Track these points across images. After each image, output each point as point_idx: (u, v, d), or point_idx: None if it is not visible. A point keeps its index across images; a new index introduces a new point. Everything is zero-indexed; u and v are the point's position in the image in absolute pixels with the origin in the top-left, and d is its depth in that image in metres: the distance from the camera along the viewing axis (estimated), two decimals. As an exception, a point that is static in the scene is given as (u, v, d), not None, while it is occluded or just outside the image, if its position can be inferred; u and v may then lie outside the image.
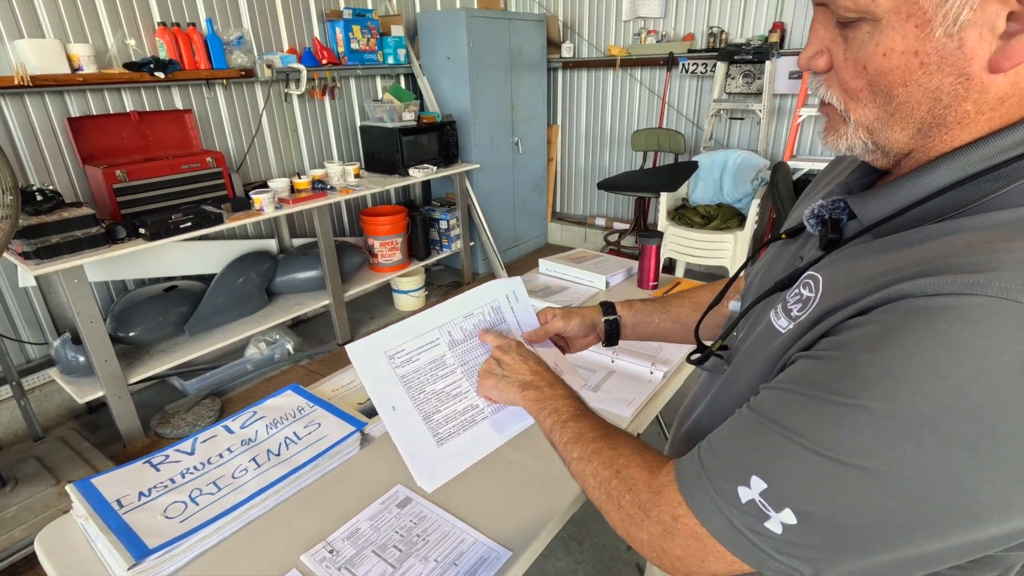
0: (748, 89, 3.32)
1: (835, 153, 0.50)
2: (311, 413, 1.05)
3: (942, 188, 0.41)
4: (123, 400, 2.17)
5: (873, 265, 0.42)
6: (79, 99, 2.31)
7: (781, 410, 0.41)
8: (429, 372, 0.72)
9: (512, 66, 3.70)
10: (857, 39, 0.41)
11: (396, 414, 0.68)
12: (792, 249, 0.59)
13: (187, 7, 2.58)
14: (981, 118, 0.40)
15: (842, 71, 0.43)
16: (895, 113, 0.42)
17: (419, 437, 0.69)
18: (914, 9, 0.38)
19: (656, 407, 1.14)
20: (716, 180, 3.37)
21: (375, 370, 0.70)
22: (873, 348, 0.37)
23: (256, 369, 2.74)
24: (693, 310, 0.83)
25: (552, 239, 4.58)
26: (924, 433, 0.34)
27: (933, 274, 0.36)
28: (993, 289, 0.33)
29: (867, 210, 0.46)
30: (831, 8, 0.41)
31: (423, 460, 0.68)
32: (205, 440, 0.99)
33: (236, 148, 2.90)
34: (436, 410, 0.71)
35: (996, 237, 0.37)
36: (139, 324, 2.35)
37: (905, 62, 0.40)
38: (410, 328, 0.73)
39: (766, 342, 0.50)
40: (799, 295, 0.48)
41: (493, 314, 0.79)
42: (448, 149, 3.40)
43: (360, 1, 3.32)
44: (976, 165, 0.40)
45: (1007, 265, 0.34)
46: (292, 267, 2.92)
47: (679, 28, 3.61)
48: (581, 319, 0.82)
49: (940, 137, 0.42)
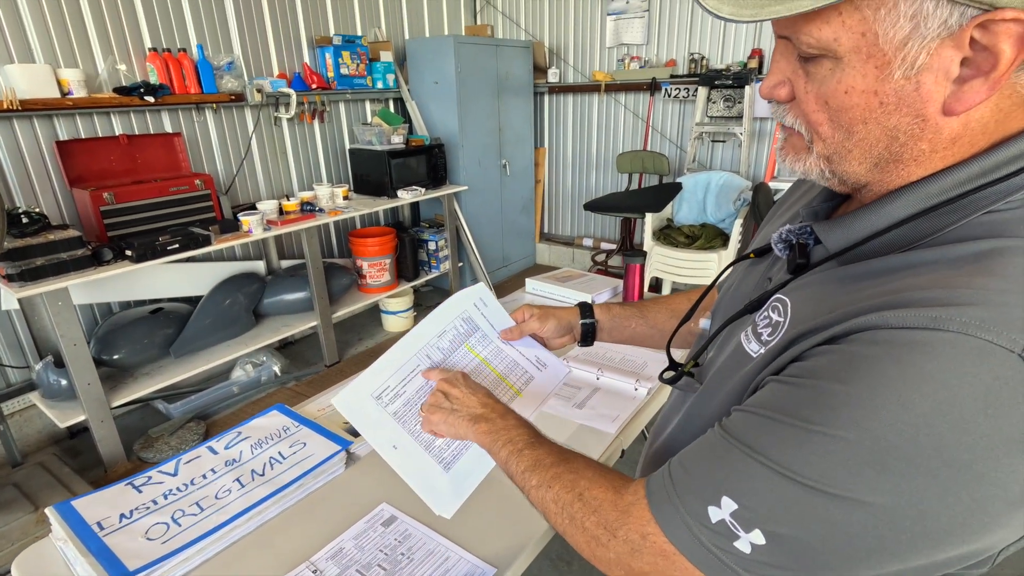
0: (729, 113, 3.41)
1: (793, 173, 0.52)
2: (296, 433, 1.05)
3: (903, 219, 0.43)
4: (105, 424, 2.14)
5: (840, 293, 0.43)
6: (68, 123, 2.33)
7: (752, 433, 0.42)
8: (419, 400, 0.72)
9: (499, 91, 3.77)
10: (819, 74, 0.42)
11: (399, 452, 0.68)
12: (761, 269, 0.61)
13: (178, 33, 2.62)
14: (935, 156, 0.42)
15: (804, 103, 0.45)
16: (854, 149, 0.44)
17: (426, 468, 0.68)
18: (874, 51, 0.39)
19: (641, 423, 1.16)
20: (700, 201, 3.43)
21: (366, 416, 0.70)
22: (841, 378, 0.38)
23: (242, 392, 2.72)
24: (669, 316, 0.85)
25: (540, 259, 4.62)
26: (889, 461, 0.35)
27: (900, 306, 0.37)
28: (955, 325, 0.35)
29: (832, 237, 0.48)
30: (793, 42, 0.43)
31: (436, 489, 0.68)
32: (189, 461, 0.98)
33: (225, 170, 2.91)
34: (434, 437, 0.71)
35: (957, 271, 0.38)
36: (124, 347, 2.33)
37: (866, 101, 0.41)
38: (389, 363, 0.73)
39: (737, 365, 0.51)
40: (768, 318, 0.49)
41: (465, 325, 0.80)
42: (436, 171, 3.44)
43: (350, 28, 3.39)
44: (935, 198, 0.42)
45: (969, 301, 0.36)
46: (280, 288, 2.91)
47: (661, 54, 3.71)
48: (557, 320, 0.83)
49: (896, 172, 0.44)
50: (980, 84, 0.38)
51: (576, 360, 1.30)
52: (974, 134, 0.41)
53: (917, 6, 0.36)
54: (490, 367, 0.78)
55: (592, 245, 4.39)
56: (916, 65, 0.38)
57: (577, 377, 1.27)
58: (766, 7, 0.38)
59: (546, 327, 0.82)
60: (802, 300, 0.47)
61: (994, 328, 0.34)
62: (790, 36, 0.43)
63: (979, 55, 0.37)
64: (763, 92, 0.48)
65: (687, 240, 3.33)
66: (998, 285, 0.36)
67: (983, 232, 0.40)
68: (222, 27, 2.78)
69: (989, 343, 0.34)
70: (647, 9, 3.64)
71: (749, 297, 0.59)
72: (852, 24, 0.39)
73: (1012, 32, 0.35)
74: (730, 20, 0.40)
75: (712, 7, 0.40)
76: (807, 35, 0.41)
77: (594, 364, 1.29)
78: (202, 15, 2.69)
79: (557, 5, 4.00)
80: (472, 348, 0.79)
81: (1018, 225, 0.39)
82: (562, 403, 1.17)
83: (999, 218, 0.40)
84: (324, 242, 3.47)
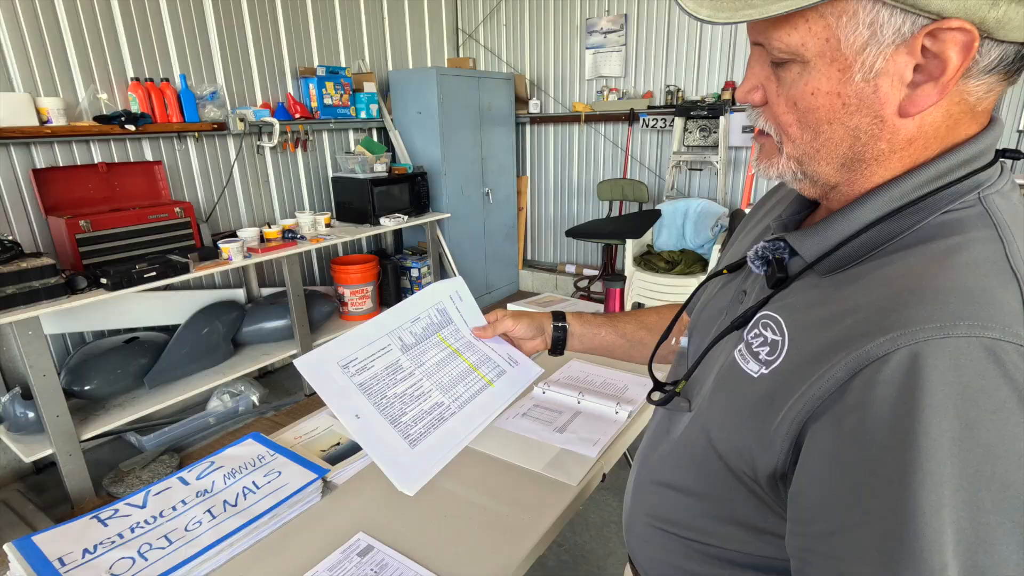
0: (705, 142, 3.51)
1: (767, 180, 0.54)
2: (271, 461, 1.03)
3: (871, 222, 0.45)
4: (74, 458, 2.06)
5: (828, 304, 0.45)
6: (46, 151, 2.31)
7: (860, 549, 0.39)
8: (387, 377, 0.71)
9: (481, 121, 3.84)
10: (788, 78, 0.45)
11: (361, 422, 0.66)
12: (735, 284, 0.62)
13: (162, 63, 2.64)
14: (894, 156, 0.45)
15: (775, 106, 0.47)
16: (821, 148, 0.46)
17: (390, 441, 0.66)
18: (837, 55, 0.42)
19: (622, 446, 1.15)
20: (679, 227, 3.50)
21: (331, 381, 0.68)
22: (891, 425, 0.37)
23: (219, 422, 2.65)
24: (639, 328, 0.86)
25: (524, 286, 4.64)
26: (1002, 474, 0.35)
27: (902, 323, 0.38)
28: (962, 329, 0.36)
29: (806, 245, 0.50)
30: (766, 48, 0.46)
31: (400, 464, 0.65)
32: (158, 492, 0.95)
33: (206, 198, 2.90)
34: (402, 412, 0.69)
35: (936, 270, 0.40)
36: (95, 377, 2.27)
37: (830, 102, 0.44)
38: (359, 337, 0.72)
39: (737, 384, 0.51)
40: (762, 337, 0.49)
41: (439, 316, 0.80)
42: (419, 199, 3.47)
43: (334, 59, 3.45)
44: (897, 201, 0.45)
45: (960, 300, 0.38)
46: (260, 316, 2.88)
47: (639, 86, 3.83)
48: (530, 320, 0.84)
49: (861, 172, 0.47)
50: (931, 88, 0.41)
51: (557, 384, 1.30)
52: (928, 137, 0.44)
53: (874, 15, 0.39)
54: (462, 357, 0.78)
55: (575, 271, 4.42)
56: (874, 69, 0.41)
57: (558, 401, 1.27)
58: (739, 11, 0.42)
59: (518, 326, 0.83)
60: (795, 318, 0.48)
61: (995, 325, 0.36)
62: (763, 42, 0.46)
63: (930, 61, 0.40)
64: (739, 96, 0.50)
65: (667, 265, 3.37)
66: (976, 280, 0.39)
67: (945, 231, 0.43)
68: (206, 57, 2.81)
69: (996, 340, 0.36)
70: (624, 44, 3.77)
71: (726, 312, 0.60)
72: (817, 30, 0.42)
73: (958, 40, 0.38)
74: (707, 21, 0.43)
75: (691, 9, 0.43)
76: (778, 40, 0.44)
77: (575, 388, 1.29)
78: (186, 45, 2.72)
79: (537, 39, 4.12)
80: (444, 339, 0.79)
81: (974, 222, 0.43)
82: (542, 427, 1.17)
83: (955, 217, 0.44)
84: (306, 270, 3.45)
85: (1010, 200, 0.45)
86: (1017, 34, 0.39)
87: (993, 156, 0.46)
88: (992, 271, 0.39)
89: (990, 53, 0.40)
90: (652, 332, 0.87)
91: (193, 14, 2.72)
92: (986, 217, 0.43)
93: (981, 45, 0.39)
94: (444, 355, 0.77)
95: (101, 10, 2.41)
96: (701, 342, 0.62)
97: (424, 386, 0.72)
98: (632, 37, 3.75)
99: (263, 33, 3.03)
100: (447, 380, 0.74)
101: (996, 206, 0.44)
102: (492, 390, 0.76)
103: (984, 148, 0.45)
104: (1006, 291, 0.38)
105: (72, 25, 2.32)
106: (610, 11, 3.78)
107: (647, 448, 0.69)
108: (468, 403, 0.73)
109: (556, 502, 0.96)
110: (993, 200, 0.44)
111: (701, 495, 0.57)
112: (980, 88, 0.42)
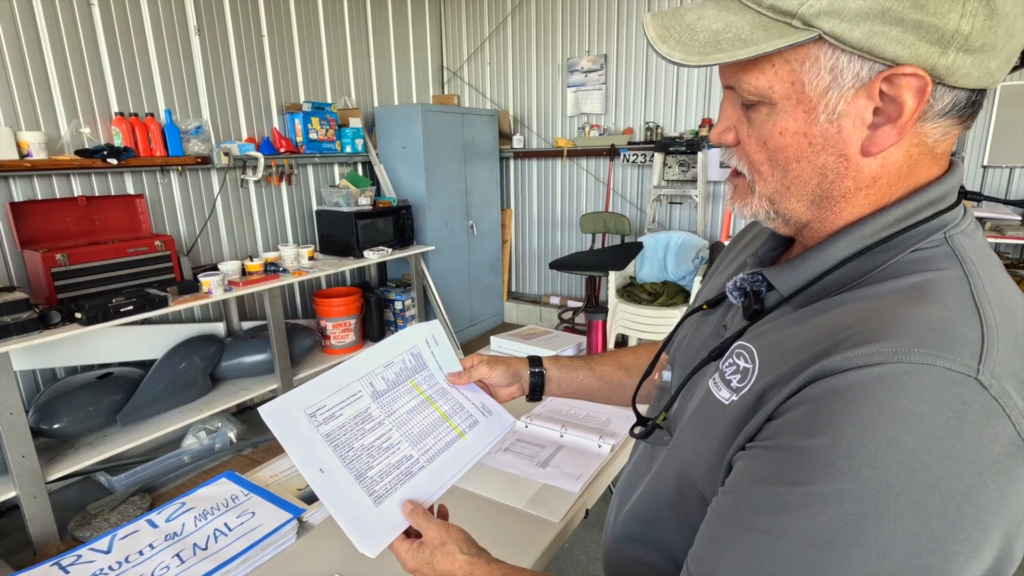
0: (684, 176, 3.59)
1: (742, 219, 0.56)
2: (245, 502, 1.00)
3: (844, 259, 0.47)
4: (38, 500, 1.98)
5: (798, 335, 0.46)
6: (24, 184, 2.29)
7: (758, 514, 0.41)
8: (355, 427, 0.69)
9: (466, 155, 3.91)
10: (758, 119, 0.47)
11: (325, 476, 0.63)
12: (715, 318, 0.63)
13: (147, 98, 2.65)
14: (860, 194, 0.47)
15: (747, 145, 0.50)
16: (791, 186, 0.48)
17: (354, 499, 0.63)
18: (802, 98, 0.44)
19: (606, 480, 1.14)
20: (660, 259, 3.55)
21: (296, 431, 0.65)
22: (823, 430, 0.38)
23: (193, 461, 2.57)
24: (616, 369, 0.86)
25: (508, 318, 4.63)
26: (900, 509, 0.36)
27: (858, 344, 0.39)
28: (915, 356, 0.37)
29: (782, 280, 0.51)
30: (737, 91, 0.48)
31: (362, 523, 0.62)
32: (125, 536, 0.91)
33: (188, 231, 2.88)
34: (369, 466, 0.66)
35: (901, 303, 0.42)
36: (66, 415, 2.19)
37: (797, 141, 0.46)
38: (329, 383, 0.70)
39: (709, 413, 0.52)
40: (735, 365, 0.51)
41: (414, 360, 0.78)
42: (403, 232, 3.48)
43: (320, 95, 3.50)
44: (869, 238, 0.47)
45: (919, 330, 0.39)
46: (239, 351, 2.83)
47: (619, 123, 3.93)
48: (506, 367, 0.82)
49: (831, 209, 0.48)
50: (890, 129, 0.43)
51: (540, 418, 1.29)
52: (891, 176, 0.46)
53: (835, 60, 0.42)
54: (434, 405, 0.76)
55: (560, 303, 4.44)
56: (837, 111, 0.44)
57: (540, 435, 1.25)
58: (710, 55, 0.44)
59: (494, 373, 0.81)
60: (767, 347, 0.49)
61: (948, 355, 0.37)
62: (734, 85, 0.48)
63: (888, 104, 0.43)
64: (713, 137, 0.53)
65: (650, 297, 3.40)
66: (939, 313, 0.40)
67: (915, 268, 0.45)
68: (192, 92, 2.84)
69: (948, 370, 0.37)
70: (604, 82, 3.89)
71: (707, 346, 0.61)
72: (783, 75, 0.44)
73: (912, 85, 0.41)
74: (680, 64, 0.45)
75: (664, 52, 0.45)
76: (747, 83, 0.46)
77: (558, 421, 1.28)
78: (172, 81, 2.74)
79: (520, 78, 4.23)
80: (417, 385, 0.77)
81: (941, 260, 0.45)
82: (525, 462, 1.15)
83: (923, 255, 0.45)
84: (288, 303, 3.41)
85: (974, 240, 0.47)
86: (966, 81, 0.41)
87: (956, 198, 0.48)
88: (956, 305, 0.41)
89: (943, 98, 0.43)
90: (630, 373, 0.87)
91: (180, 50, 2.76)
92: (952, 256, 0.45)
93: (934, 90, 0.42)
94: (416, 403, 0.75)
95: (87, 45, 2.43)
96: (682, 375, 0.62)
97: (393, 437, 0.70)
98: (612, 76, 3.87)
99: (250, 69, 3.08)
100: (417, 431, 0.72)
101: (961, 245, 0.46)
102: (463, 442, 0.74)
103: (947, 190, 0.47)
104: (967, 325, 0.39)
105: (57, 60, 2.34)
106: (591, 51, 3.91)
107: (627, 486, 0.69)
108: (437, 457, 0.71)
109: (538, 540, 0.94)
110: (958, 240, 0.46)
111: (673, 542, 0.58)
112: (937, 131, 0.45)
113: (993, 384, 0.37)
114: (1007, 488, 0.36)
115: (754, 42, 0.42)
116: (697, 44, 0.45)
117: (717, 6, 0.46)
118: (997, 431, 0.37)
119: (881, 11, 0.39)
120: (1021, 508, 0.38)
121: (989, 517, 0.36)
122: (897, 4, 0.39)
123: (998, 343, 0.39)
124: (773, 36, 0.42)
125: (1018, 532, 0.38)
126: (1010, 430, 0.37)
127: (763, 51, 0.42)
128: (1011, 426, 0.37)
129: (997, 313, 0.41)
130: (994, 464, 0.36)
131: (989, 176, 3.07)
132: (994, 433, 0.36)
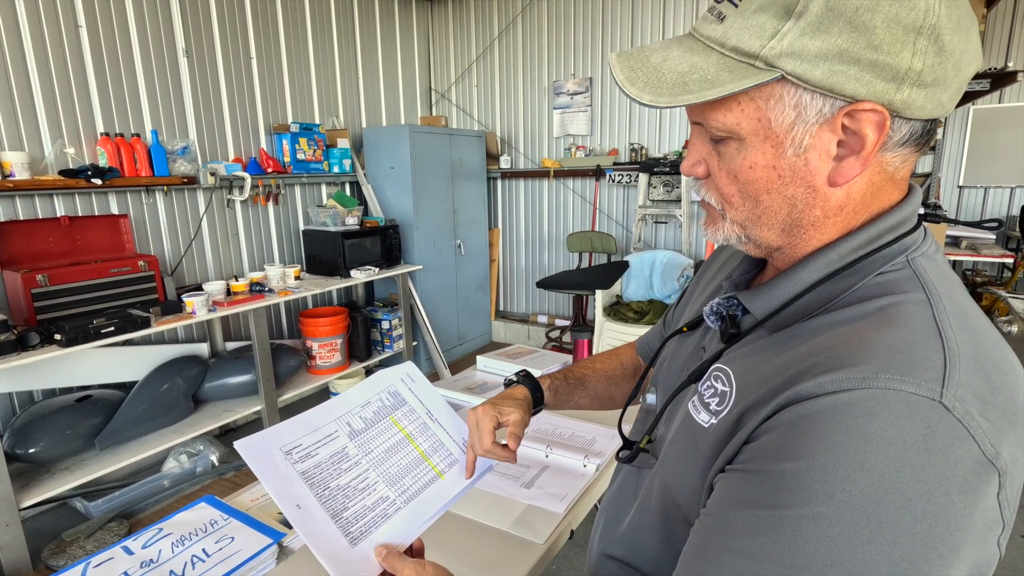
0: (669, 197, 3.65)
1: (715, 242, 0.57)
2: (225, 527, 0.98)
3: (814, 283, 0.49)
4: (11, 528, 1.92)
5: (773, 359, 0.48)
6: (6, 204, 2.27)
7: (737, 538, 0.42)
8: (332, 466, 0.69)
9: (453, 176, 3.94)
10: (727, 153, 0.49)
11: (302, 513, 0.63)
12: (693, 340, 0.64)
13: (133, 118, 2.65)
14: (828, 222, 0.49)
15: (718, 178, 0.51)
16: (762, 215, 0.50)
17: (331, 538, 0.63)
18: (769, 133, 0.46)
19: (591, 500, 1.14)
20: (646, 278, 3.58)
21: (272, 467, 0.65)
22: (797, 455, 0.39)
23: (174, 485, 2.51)
24: (607, 384, 0.90)
25: (496, 337, 4.63)
26: (872, 529, 0.37)
27: (827, 371, 0.41)
28: (881, 381, 0.39)
29: (756, 304, 0.53)
30: (705, 127, 0.50)
31: (341, 562, 0.62)
32: (99, 564, 0.89)
33: (173, 251, 2.86)
34: (344, 507, 0.66)
35: (867, 327, 0.43)
36: (42, 439, 2.14)
37: (767, 174, 0.47)
38: (305, 423, 0.70)
39: (690, 435, 0.53)
40: (713, 388, 0.52)
41: (391, 399, 0.78)
42: (391, 251, 3.48)
43: (308, 116, 3.52)
44: (836, 263, 0.49)
45: (885, 356, 0.40)
46: (223, 372, 2.79)
47: (605, 144, 4.00)
48: (524, 412, 0.78)
49: (800, 236, 0.50)
50: (854, 161, 0.45)
51: (525, 438, 1.29)
52: (856, 203, 0.48)
53: (798, 98, 0.44)
54: (414, 444, 0.76)
55: (547, 321, 4.44)
56: (803, 145, 0.45)
57: (525, 455, 1.25)
58: (678, 96, 0.45)
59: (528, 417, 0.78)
60: (743, 370, 0.50)
61: (912, 380, 0.39)
62: (701, 122, 0.49)
63: (850, 138, 0.45)
64: (684, 170, 0.54)
65: (636, 315, 3.42)
66: (904, 338, 0.41)
67: (880, 291, 0.46)
68: (179, 113, 2.84)
69: (914, 395, 0.38)
70: (590, 104, 3.96)
71: (687, 367, 0.62)
72: (750, 112, 0.46)
73: (872, 120, 0.43)
74: (650, 105, 0.46)
75: (634, 95, 0.47)
76: (715, 120, 0.48)
77: (543, 441, 1.27)
78: (159, 101, 2.75)
79: (507, 100, 4.29)
80: (397, 422, 0.77)
81: (905, 283, 0.46)
82: (510, 483, 1.15)
83: (888, 279, 0.47)
84: (273, 323, 3.39)
85: (935, 262, 0.49)
86: (921, 112, 0.44)
87: (917, 221, 0.50)
88: (920, 329, 0.42)
89: (901, 129, 0.45)
90: (619, 384, 0.91)
91: (168, 72, 2.77)
92: (915, 280, 0.46)
93: (893, 123, 0.44)
94: (395, 441, 0.75)
95: (74, 66, 2.43)
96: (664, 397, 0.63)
97: (370, 477, 0.70)
98: (597, 98, 3.94)
99: (238, 90, 3.09)
100: (395, 471, 0.72)
101: (923, 268, 0.48)
102: (442, 482, 0.74)
103: (908, 215, 0.49)
104: (929, 349, 0.41)
105: (43, 80, 2.34)
106: (576, 74, 3.98)
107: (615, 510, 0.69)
108: (414, 498, 0.70)
109: (523, 561, 0.93)
110: (920, 263, 0.48)
111: (657, 564, 0.58)
112: (896, 159, 0.47)
113: (956, 407, 0.38)
114: (974, 506, 0.38)
115: (720, 83, 0.44)
116: (665, 85, 0.46)
117: (681, 47, 0.47)
118: (962, 452, 0.38)
119: (839, 52, 0.41)
120: (988, 525, 0.39)
121: (959, 535, 0.37)
122: (853, 45, 0.41)
123: (960, 365, 0.40)
124: (738, 77, 0.44)
125: (986, 549, 0.39)
126: (975, 450, 0.38)
127: (729, 91, 0.44)
128: (976, 446, 0.38)
129: (958, 335, 0.42)
130: (961, 484, 0.37)
131: (965, 196, 3.16)
132: (960, 454, 0.38)
